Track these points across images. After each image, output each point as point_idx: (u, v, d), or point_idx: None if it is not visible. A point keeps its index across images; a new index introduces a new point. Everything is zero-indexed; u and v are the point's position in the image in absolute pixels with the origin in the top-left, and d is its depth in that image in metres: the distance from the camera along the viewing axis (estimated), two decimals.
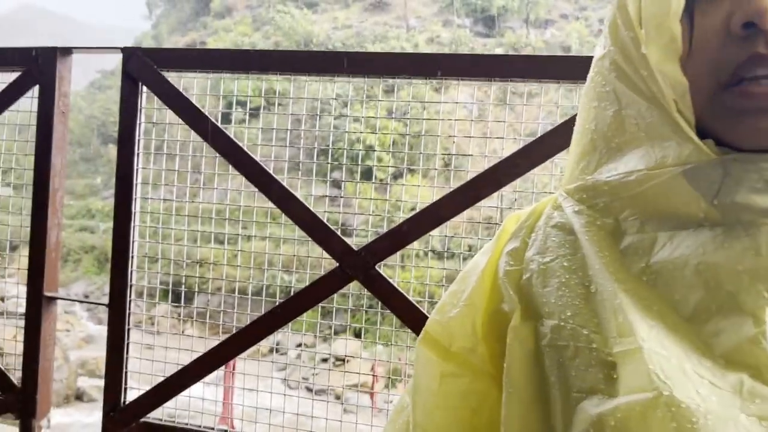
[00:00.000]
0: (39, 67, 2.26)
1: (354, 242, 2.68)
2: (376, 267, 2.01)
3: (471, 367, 0.61)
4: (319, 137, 2.51)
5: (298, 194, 2.11)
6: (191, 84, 2.54)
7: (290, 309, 2.13)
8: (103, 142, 28.87)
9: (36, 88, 2.27)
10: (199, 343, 2.49)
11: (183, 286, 2.84)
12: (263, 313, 2.16)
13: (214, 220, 2.67)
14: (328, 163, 2.52)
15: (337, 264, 2.05)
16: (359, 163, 2.78)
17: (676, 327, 0.50)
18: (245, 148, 2.11)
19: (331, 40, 28.64)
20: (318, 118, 2.51)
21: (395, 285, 1.97)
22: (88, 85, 40.29)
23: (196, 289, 3.67)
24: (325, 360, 13.57)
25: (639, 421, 0.46)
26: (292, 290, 2.38)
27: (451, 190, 1.95)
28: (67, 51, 2.26)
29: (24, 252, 2.37)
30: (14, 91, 2.30)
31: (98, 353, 14.56)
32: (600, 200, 0.58)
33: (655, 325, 0.49)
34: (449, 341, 0.62)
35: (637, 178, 0.54)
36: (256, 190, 2.20)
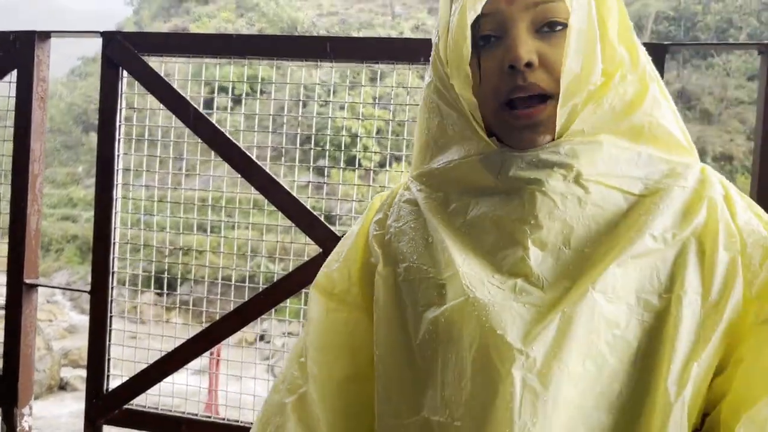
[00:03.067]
0: (17, 52, 2.22)
1: (339, 230, 2.67)
2: None
3: (348, 303, 0.87)
4: (303, 124, 2.49)
5: (282, 181, 2.10)
6: (173, 70, 2.51)
7: (274, 295, 2.12)
8: (84, 130, 28.40)
9: (14, 73, 2.23)
10: (184, 332, 2.47)
11: (166, 274, 2.81)
12: (246, 300, 2.15)
13: (199, 207, 2.64)
14: (311, 148, 2.51)
15: (321, 250, 2.05)
16: (343, 149, 2.76)
17: (482, 257, 0.76)
18: (228, 135, 2.08)
19: (316, 27, 28.42)
20: (303, 105, 2.50)
21: None
22: (69, 72, 39.66)
23: (181, 278, 3.64)
24: None
25: (457, 315, 0.72)
26: (276, 278, 2.38)
27: None
28: (45, 35, 2.22)
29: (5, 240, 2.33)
30: None
31: (82, 343, 14.40)
32: (434, 181, 0.84)
33: (466, 257, 0.76)
34: (332, 286, 0.89)
35: (454, 165, 0.81)
36: (240, 177, 2.18)
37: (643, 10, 24.04)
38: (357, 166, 2.92)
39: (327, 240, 2.04)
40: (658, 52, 1.84)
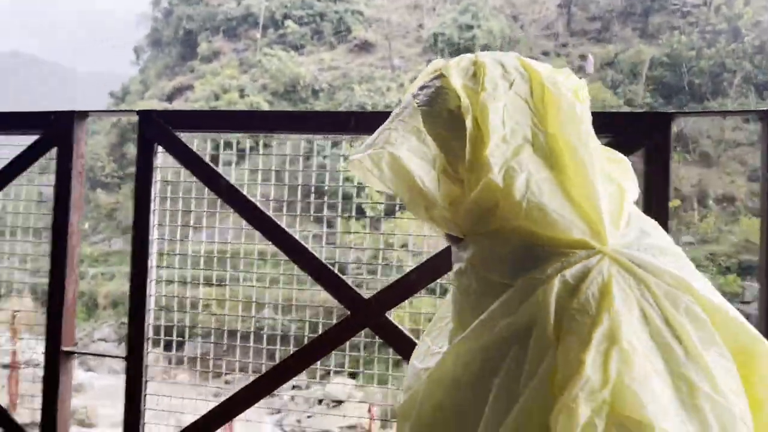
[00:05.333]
0: (56, 130, 2.36)
1: (349, 279, 2.75)
2: (387, 315, 2.08)
3: None
4: (309, 177, 2.58)
5: (310, 245, 2.19)
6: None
7: (303, 358, 2.18)
8: (91, 188, 28.61)
9: (54, 150, 2.37)
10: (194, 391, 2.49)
11: (174, 329, 2.83)
12: (276, 363, 2.20)
13: (218, 260, 2.72)
14: (317, 201, 2.55)
15: (349, 312, 2.12)
16: (351, 200, 2.84)
17: None
18: (259, 204, 2.19)
19: (318, 81, 29.00)
20: (306, 158, 2.59)
21: (405, 332, 2.03)
22: None
23: (199, 333, 3.68)
24: (320, 402, 13.33)
25: None
26: (294, 332, 2.43)
27: None
28: (83, 114, 2.36)
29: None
30: (33, 153, 2.39)
31: (88, 402, 14.17)
32: None
33: None
34: None
35: None
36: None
37: (637, 56, 24.59)
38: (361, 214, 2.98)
39: (354, 302, 2.12)
40: (665, 121, 1.98)
